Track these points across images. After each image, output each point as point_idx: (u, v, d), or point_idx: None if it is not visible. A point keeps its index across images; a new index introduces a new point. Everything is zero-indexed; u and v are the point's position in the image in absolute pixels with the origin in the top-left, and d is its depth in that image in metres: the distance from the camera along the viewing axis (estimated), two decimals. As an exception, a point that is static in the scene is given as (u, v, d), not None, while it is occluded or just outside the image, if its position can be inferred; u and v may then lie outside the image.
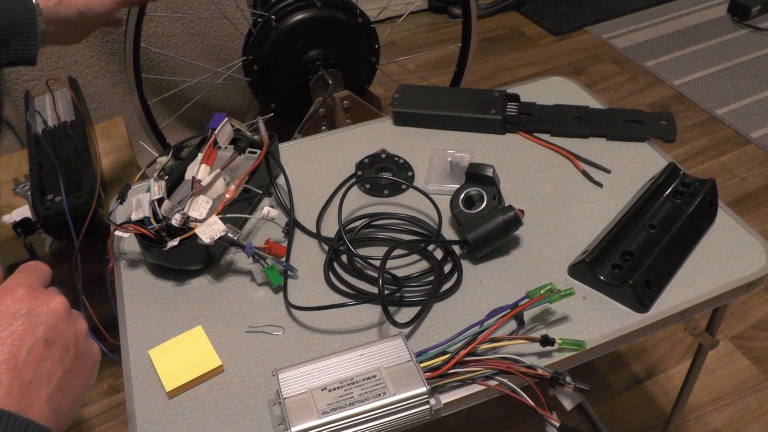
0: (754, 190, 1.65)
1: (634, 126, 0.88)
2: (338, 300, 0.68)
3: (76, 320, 0.48)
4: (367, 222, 0.77)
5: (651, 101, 1.94)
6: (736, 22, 2.24)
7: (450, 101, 0.92)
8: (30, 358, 0.43)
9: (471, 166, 0.76)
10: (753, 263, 0.70)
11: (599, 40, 2.22)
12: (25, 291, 0.46)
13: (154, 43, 1.51)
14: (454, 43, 1.50)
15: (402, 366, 0.58)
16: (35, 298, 0.46)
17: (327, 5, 1.25)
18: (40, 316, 0.45)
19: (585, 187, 0.81)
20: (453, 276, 0.71)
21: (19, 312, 0.44)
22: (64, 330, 0.46)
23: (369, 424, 0.55)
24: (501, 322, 0.61)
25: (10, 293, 0.45)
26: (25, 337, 0.44)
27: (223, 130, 0.76)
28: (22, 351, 0.43)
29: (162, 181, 0.72)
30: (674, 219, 0.73)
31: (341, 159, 0.87)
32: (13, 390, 0.41)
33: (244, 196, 0.76)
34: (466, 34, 1.45)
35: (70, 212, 0.89)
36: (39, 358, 0.44)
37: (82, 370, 0.47)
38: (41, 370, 0.43)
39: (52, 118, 1.00)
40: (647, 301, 0.67)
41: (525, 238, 0.75)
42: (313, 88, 1.26)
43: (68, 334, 0.46)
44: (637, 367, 1.28)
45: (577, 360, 0.64)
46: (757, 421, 1.18)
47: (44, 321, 0.45)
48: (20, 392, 0.42)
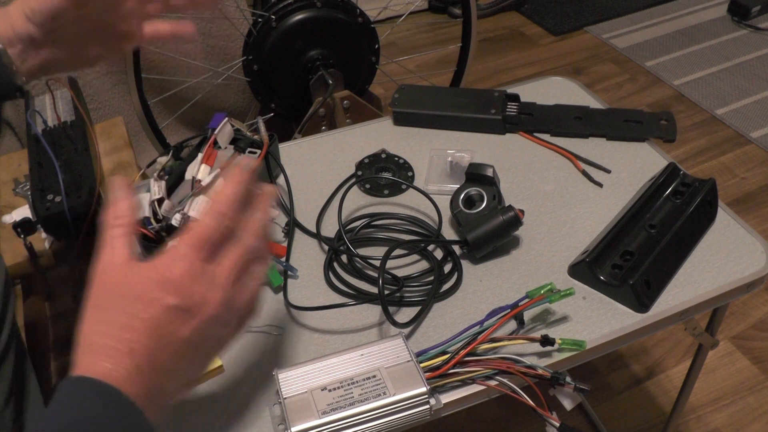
0: (754, 190, 1.65)
1: (634, 126, 0.88)
2: (338, 300, 0.68)
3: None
4: (367, 222, 0.77)
5: (651, 101, 1.94)
6: (736, 22, 2.24)
7: (450, 101, 0.92)
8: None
9: (471, 166, 0.76)
10: (753, 263, 0.70)
11: (599, 40, 2.22)
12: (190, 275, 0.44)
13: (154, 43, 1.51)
14: (454, 43, 1.50)
15: (402, 366, 0.58)
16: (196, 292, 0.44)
17: (327, 5, 1.25)
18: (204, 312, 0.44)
19: (585, 187, 0.81)
20: (453, 276, 0.71)
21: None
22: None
23: (369, 424, 0.55)
24: (501, 322, 0.61)
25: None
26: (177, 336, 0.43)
27: (223, 130, 0.76)
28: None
29: (162, 181, 0.72)
30: (674, 219, 0.73)
31: (341, 159, 0.87)
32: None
33: (244, 196, 0.76)
34: (466, 34, 1.45)
35: (70, 212, 0.89)
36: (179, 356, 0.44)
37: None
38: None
39: (52, 118, 1.00)
40: (647, 301, 0.67)
41: (525, 238, 0.75)
42: (313, 88, 1.26)
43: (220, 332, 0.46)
44: (637, 367, 1.28)
45: (577, 360, 0.64)
46: (757, 421, 1.18)
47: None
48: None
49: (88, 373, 0.41)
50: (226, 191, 0.47)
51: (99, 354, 0.41)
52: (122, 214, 0.46)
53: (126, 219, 0.46)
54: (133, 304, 0.42)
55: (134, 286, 0.43)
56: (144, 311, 0.42)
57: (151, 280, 0.43)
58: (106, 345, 0.42)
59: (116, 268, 0.44)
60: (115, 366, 0.41)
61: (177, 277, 0.43)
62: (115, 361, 0.41)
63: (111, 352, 0.41)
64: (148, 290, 0.43)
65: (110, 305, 0.43)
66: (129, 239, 0.46)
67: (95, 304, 0.44)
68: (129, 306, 0.42)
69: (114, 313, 0.43)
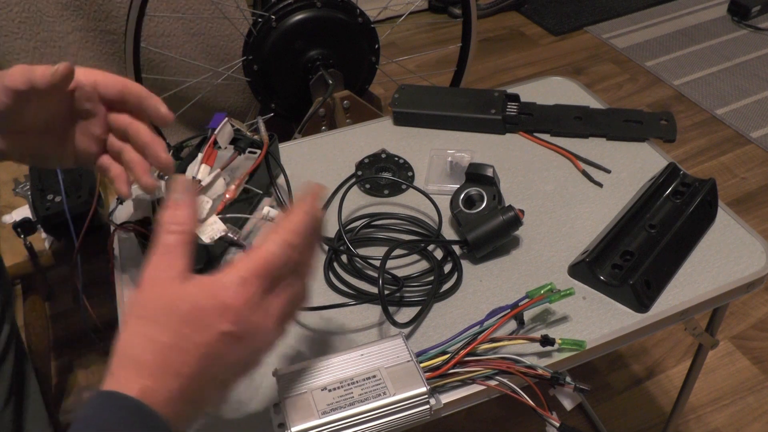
0: (754, 190, 1.65)
1: (634, 126, 0.88)
2: (338, 300, 0.68)
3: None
4: (367, 222, 0.77)
5: (651, 101, 1.94)
6: (736, 22, 2.24)
7: (450, 101, 0.92)
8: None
9: (471, 166, 0.76)
10: (753, 263, 0.70)
11: (599, 40, 2.22)
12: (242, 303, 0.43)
13: (154, 43, 1.51)
14: (454, 43, 1.49)
15: (402, 366, 0.58)
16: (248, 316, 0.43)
17: (327, 5, 1.25)
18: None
19: (585, 187, 0.81)
20: (453, 276, 0.71)
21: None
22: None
23: (369, 424, 0.55)
24: (501, 322, 0.61)
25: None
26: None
27: (223, 130, 0.76)
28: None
29: (162, 181, 0.72)
30: (674, 219, 0.73)
31: (341, 159, 0.87)
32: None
33: (244, 196, 0.76)
34: (466, 34, 1.45)
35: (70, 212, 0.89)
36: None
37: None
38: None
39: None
40: (647, 301, 0.67)
41: (525, 238, 0.75)
42: (313, 88, 1.26)
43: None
44: (637, 367, 1.28)
45: (577, 360, 0.64)
46: (757, 421, 1.18)
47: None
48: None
49: (127, 389, 0.40)
50: (298, 221, 0.46)
51: (142, 371, 0.40)
52: (182, 221, 0.44)
53: (185, 227, 0.44)
54: (187, 325, 0.41)
55: (189, 306, 0.42)
56: (197, 335, 0.41)
57: (210, 304, 0.42)
58: (151, 363, 0.40)
59: (170, 282, 0.42)
60: (157, 387, 0.40)
61: (238, 305, 0.42)
62: (159, 382, 0.40)
63: (156, 371, 0.40)
64: (205, 314, 0.41)
65: (160, 321, 0.41)
66: (186, 249, 0.44)
67: (143, 315, 0.42)
68: (182, 326, 0.41)
69: (164, 330, 0.41)
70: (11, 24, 1.33)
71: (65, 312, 1.41)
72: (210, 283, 0.43)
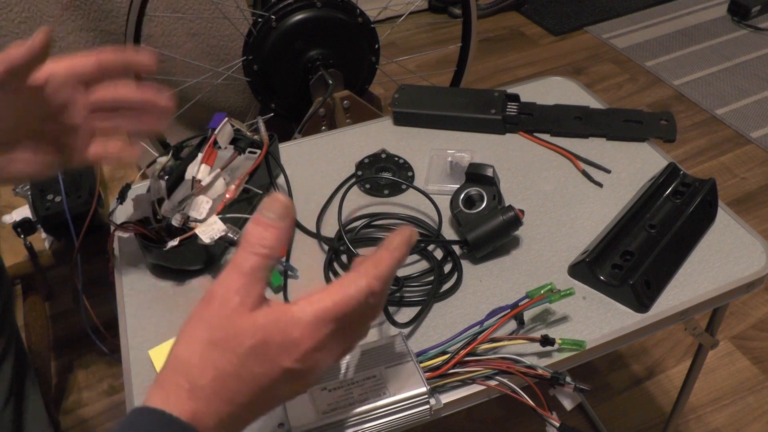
0: (754, 190, 1.65)
1: (634, 126, 0.88)
2: (338, 300, 0.68)
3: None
4: (367, 222, 0.77)
5: (651, 101, 1.94)
6: (736, 22, 2.24)
7: (450, 101, 0.92)
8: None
9: (471, 166, 0.76)
10: (753, 263, 0.70)
11: (599, 40, 2.22)
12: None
13: (154, 43, 1.51)
14: (454, 43, 1.49)
15: (402, 366, 0.58)
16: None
17: (327, 5, 1.25)
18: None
19: (585, 187, 0.81)
20: (453, 276, 0.71)
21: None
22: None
23: (369, 424, 0.55)
24: (501, 322, 0.61)
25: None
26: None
27: (223, 130, 0.76)
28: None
29: (162, 181, 0.72)
30: (674, 219, 0.73)
31: (341, 159, 0.87)
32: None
33: (244, 196, 0.76)
34: (466, 34, 1.45)
35: (70, 212, 0.89)
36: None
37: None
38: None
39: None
40: (647, 301, 0.67)
41: (525, 238, 0.75)
42: (313, 88, 1.26)
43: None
44: (637, 367, 1.28)
45: (577, 360, 0.64)
46: (757, 421, 1.18)
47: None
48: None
49: (178, 409, 0.39)
50: (386, 268, 0.43)
51: (196, 393, 0.39)
52: (270, 244, 0.42)
53: (272, 252, 0.42)
54: (251, 357, 0.40)
55: (258, 340, 0.40)
56: (259, 367, 0.40)
57: (279, 339, 0.40)
58: (208, 388, 0.40)
59: (242, 308, 0.41)
60: (209, 411, 0.39)
61: (307, 345, 0.41)
62: (211, 407, 0.40)
63: (211, 396, 0.39)
64: (272, 348, 0.40)
65: (226, 348, 0.40)
66: (266, 275, 0.42)
67: (208, 338, 0.40)
68: (246, 358, 0.40)
69: (227, 358, 0.40)
70: (11, 24, 1.33)
71: (65, 312, 1.41)
72: (282, 316, 0.41)
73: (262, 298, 0.42)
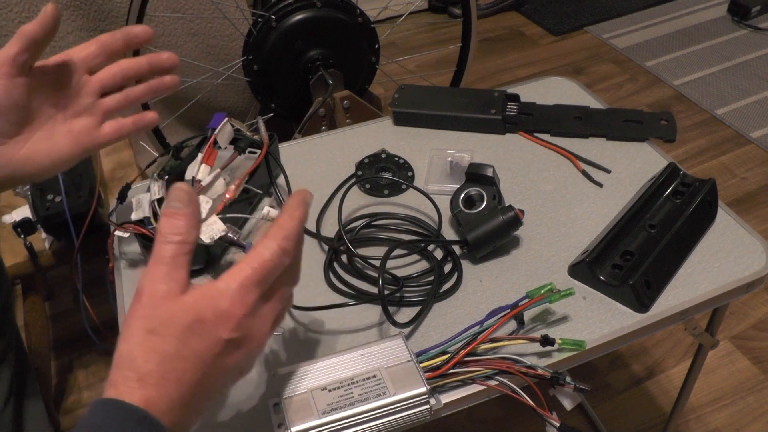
0: (754, 190, 1.65)
1: (634, 126, 0.88)
2: (338, 300, 0.68)
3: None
4: (367, 222, 0.77)
5: (651, 101, 1.94)
6: (736, 22, 2.24)
7: (450, 101, 0.92)
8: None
9: (471, 166, 0.76)
10: (753, 263, 0.70)
11: (599, 40, 2.22)
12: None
13: (154, 43, 1.51)
14: (454, 43, 1.49)
15: (402, 366, 0.58)
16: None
17: (327, 5, 1.25)
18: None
19: (585, 187, 0.81)
20: (453, 276, 0.71)
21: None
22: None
23: (369, 424, 0.55)
24: (501, 322, 0.61)
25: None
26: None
27: (223, 130, 0.76)
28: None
29: (162, 181, 0.72)
30: (674, 219, 0.73)
31: (341, 159, 0.87)
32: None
33: (244, 196, 0.76)
34: (466, 34, 1.45)
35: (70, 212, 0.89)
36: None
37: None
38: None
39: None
40: (647, 301, 0.67)
41: (525, 238, 0.75)
42: (313, 88, 1.26)
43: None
44: (637, 367, 1.28)
45: (577, 360, 0.64)
46: (757, 421, 1.18)
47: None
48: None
49: (130, 399, 0.40)
50: (290, 227, 0.46)
51: (144, 381, 0.41)
52: (181, 231, 0.44)
53: (185, 237, 0.44)
54: (189, 334, 0.42)
55: (191, 317, 0.42)
56: (199, 343, 0.42)
57: (210, 313, 0.43)
58: (155, 372, 0.41)
59: (170, 293, 0.43)
60: (160, 395, 0.41)
61: (238, 312, 0.43)
62: (161, 391, 0.41)
63: (158, 380, 0.41)
64: (207, 323, 0.42)
65: (163, 332, 0.42)
66: (186, 260, 0.44)
67: (145, 327, 0.42)
68: (184, 336, 0.42)
69: (166, 341, 0.42)
70: (11, 24, 1.33)
71: (65, 312, 1.41)
72: (209, 291, 0.43)
73: (187, 281, 0.43)
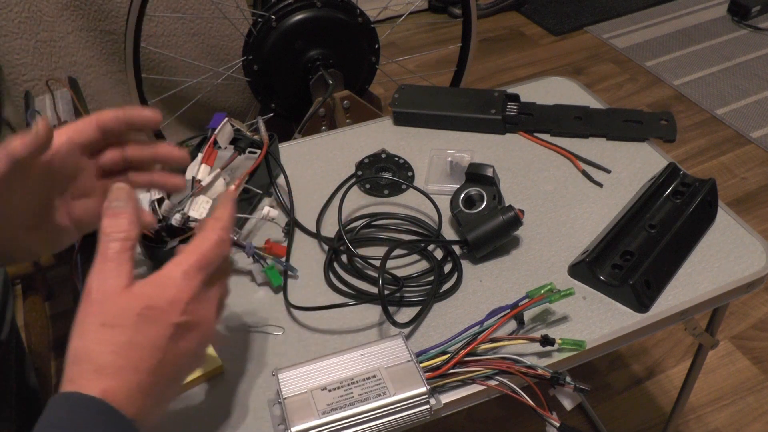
0: (754, 190, 1.65)
1: (634, 126, 0.88)
2: (338, 300, 0.68)
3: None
4: (367, 222, 0.77)
5: (651, 101, 1.94)
6: (736, 22, 2.24)
7: (450, 101, 0.92)
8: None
9: (471, 166, 0.76)
10: (753, 263, 0.70)
11: (599, 40, 2.22)
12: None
13: (154, 43, 1.51)
14: (454, 43, 1.50)
15: (402, 366, 0.58)
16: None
17: (327, 5, 1.25)
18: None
19: (585, 187, 0.81)
20: (453, 276, 0.71)
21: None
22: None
23: (369, 424, 0.55)
24: (501, 322, 0.61)
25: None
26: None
27: (223, 130, 0.76)
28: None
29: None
30: (674, 219, 0.73)
31: (341, 159, 0.87)
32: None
33: (244, 196, 0.76)
34: (466, 34, 1.45)
35: (70, 212, 0.89)
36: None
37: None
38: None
39: (52, 118, 1.00)
40: (647, 301, 0.67)
41: (525, 238, 0.75)
42: (313, 88, 1.26)
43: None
44: (637, 367, 1.28)
45: (577, 360, 0.64)
46: (757, 421, 1.18)
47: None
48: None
49: (88, 390, 0.41)
50: (227, 218, 0.49)
51: (101, 372, 0.41)
52: (123, 228, 0.46)
53: (127, 234, 0.46)
54: (141, 322, 0.43)
55: (141, 305, 0.43)
56: (151, 329, 0.43)
57: (159, 299, 0.44)
58: (111, 363, 0.42)
59: (118, 287, 0.44)
60: (118, 385, 0.41)
61: (185, 297, 0.45)
62: (119, 381, 0.42)
63: (115, 370, 0.42)
64: (157, 309, 0.44)
65: (115, 323, 0.43)
66: (130, 255, 0.45)
67: (98, 321, 0.43)
68: (137, 324, 0.43)
69: (120, 331, 0.43)
70: (11, 24, 1.33)
71: (65, 312, 1.41)
72: (156, 280, 0.45)
73: (133, 275, 0.45)
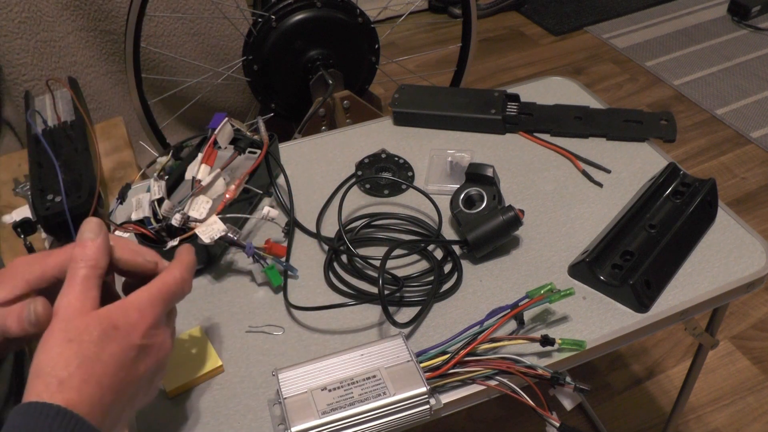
0: (754, 190, 1.65)
1: (634, 126, 0.88)
2: (338, 300, 0.68)
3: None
4: (367, 222, 0.77)
5: (651, 101, 1.94)
6: (736, 22, 2.24)
7: (450, 101, 0.92)
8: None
9: (471, 166, 0.76)
10: (753, 263, 0.70)
11: (599, 40, 2.22)
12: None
13: (154, 43, 1.51)
14: (454, 43, 1.50)
15: (402, 366, 0.58)
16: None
17: (327, 5, 1.25)
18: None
19: (585, 187, 0.81)
20: (453, 276, 0.71)
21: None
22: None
23: (369, 424, 0.55)
24: (501, 322, 0.61)
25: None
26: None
27: (223, 130, 0.76)
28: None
29: (162, 181, 0.72)
30: (674, 219, 0.73)
31: (341, 159, 0.87)
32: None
33: (244, 196, 0.76)
34: (466, 34, 1.45)
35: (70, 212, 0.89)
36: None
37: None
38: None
39: (52, 118, 1.00)
40: (647, 301, 0.67)
41: (525, 238, 0.75)
42: (313, 88, 1.26)
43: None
44: (637, 367, 1.28)
45: (577, 360, 0.64)
46: (757, 421, 1.18)
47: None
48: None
49: (51, 401, 0.42)
50: (190, 261, 0.55)
51: (64, 385, 0.43)
52: (91, 257, 0.49)
53: (94, 262, 0.49)
54: (105, 340, 0.46)
55: (106, 324, 0.47)
56: (115, 347, 0.46)
57: (124, 321, 0.48)
58: (75, 377, 0.44)
59: (85, 309, 0.47)
60: (81, 398, 0.43)
61: (147, 321, 0.49)
62: (82, 394, 0.43)
63: (78, 383, 0.44)
64: (121, 329, 0.47)
65: (81, 339, 0.45)
66: (97, 282, 0.49)
67: (64, 338, 0.45)
68: (101, 341, 0.46)
69: (84, 347, 0.45)
70: (11, 24, 1.33)
71: (65, 312, 1.41)
72: (121, 304, 0.49)
73: (99, 300, 0.48)
